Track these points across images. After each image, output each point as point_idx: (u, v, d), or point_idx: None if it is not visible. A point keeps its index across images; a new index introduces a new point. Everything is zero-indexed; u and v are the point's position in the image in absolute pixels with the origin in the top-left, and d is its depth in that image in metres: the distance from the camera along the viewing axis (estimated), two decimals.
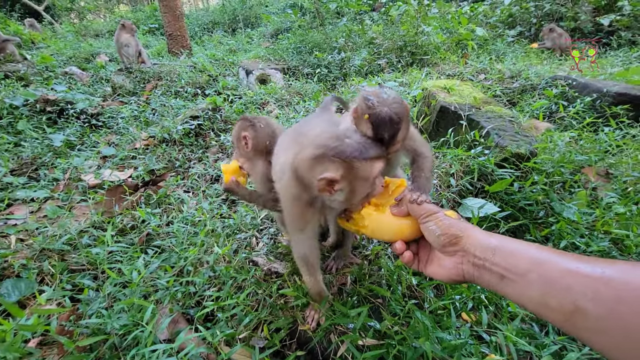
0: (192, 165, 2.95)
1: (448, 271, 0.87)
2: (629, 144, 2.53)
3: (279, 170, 1.18)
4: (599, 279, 0.60)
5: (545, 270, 0.68)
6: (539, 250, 0.74)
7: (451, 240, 0.85)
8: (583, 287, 0.61)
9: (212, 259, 1.58)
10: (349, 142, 0.96)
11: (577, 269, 0.64)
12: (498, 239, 0.80)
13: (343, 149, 0.94)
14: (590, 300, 0.59)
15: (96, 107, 4.13)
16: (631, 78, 3.60)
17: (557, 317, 0.64)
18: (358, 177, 0.96)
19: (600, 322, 0.58)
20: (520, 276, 0.71)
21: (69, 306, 1.45)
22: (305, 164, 0.99)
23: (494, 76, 4.09)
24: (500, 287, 0.75)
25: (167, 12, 7.01)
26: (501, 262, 0.76)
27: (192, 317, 1.40)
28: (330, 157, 0.94)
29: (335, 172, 0.93)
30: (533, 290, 0.68)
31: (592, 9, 6.86)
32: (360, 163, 0.94)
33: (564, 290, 0.63)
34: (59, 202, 2.40)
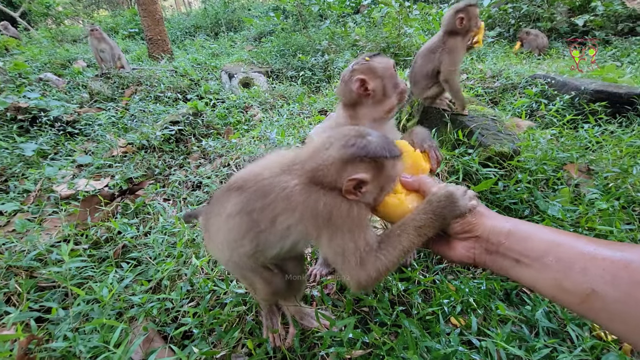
0: (173, 172, 2.85)
1: (458, 253, 0.85)
2: (608, 140, 2.57)
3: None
4: (617, 262, 0.60)
5: (561, 253, 0.67)
6: (555, 234, 0.73)
7: (464, 228, 0.84)
8: (600, 270, 0.60)
9: (190, 272, 1.50)
10: (373, 139, 0.92)
11: (595, 251, 0.63)
12: (512, 223, 0.79)
13: (373, 148, 0.90)
14: (607, 283, 0.59)
15: (72, 114, 3.97)
16: (607, 76, 3.69)
17: (572, 300, 0.64)
18: (385, 177, 0.94)
19: (617, 306, 0.57)
20: (536, 260, 0.70)
21: (35, 328, 1.34)
22: (335, 165, 0.90)
23: (476, 76, 4.14)
24: (515, 271, 0.74)
25: (146, 17, 6.87)
26: (516, 246, 0.74)
27: (168, 335, 1.32)
28: (362, 157, 0.89)
29: (366, 171, 0.89)
30: (549, 273, 0.67)
31: (566, 9, 7.06)
32: (387, 162, 0.92)
33: (580, 273, 0.63)
34: (29, 215, 2.27)
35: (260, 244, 1.01)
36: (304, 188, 0.92)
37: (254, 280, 1.12)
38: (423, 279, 1.51)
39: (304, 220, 0.92)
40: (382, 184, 0.94)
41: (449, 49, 2.19)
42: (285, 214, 0.94)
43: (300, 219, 0.92)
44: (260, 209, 0.96)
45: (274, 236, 0.98)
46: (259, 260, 1.08)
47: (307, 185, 0.93)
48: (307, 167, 0.94)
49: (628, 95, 3.04)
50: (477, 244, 0.82)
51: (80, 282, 1.58)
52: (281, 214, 0.94)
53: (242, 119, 3.92)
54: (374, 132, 0.96)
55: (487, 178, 1.90)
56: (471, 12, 2.09)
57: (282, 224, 0.95)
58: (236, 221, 1.01)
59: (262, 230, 0.98)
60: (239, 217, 1.00)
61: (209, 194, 2.41)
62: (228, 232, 1.04)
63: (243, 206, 0.99)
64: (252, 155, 2.78)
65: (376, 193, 0.95)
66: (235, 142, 3.06)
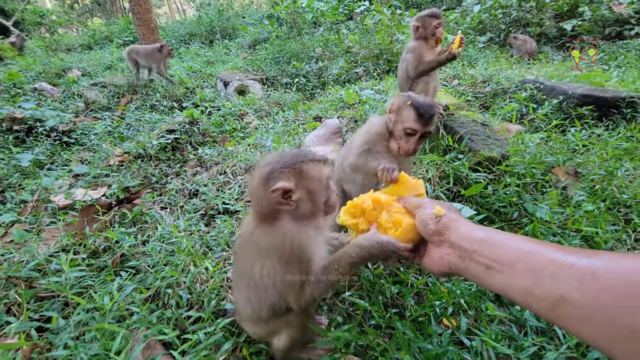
0: (170, 180, 2.88)
1: (435, 262, 0.90)
2: (595, 143, 2.64)
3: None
4: (584, 268, 0.61)
5: (532, 260, 0.70)
6: (525, 242, 0.75)
7: (438, 229, 0.89)
8: (569, 276, 0.62)
9: (189, 280, 1.53)
10: (288, 153, 1.03)
11: (563, 259, 0.65)
12: (486, 232, 0.83)
13: (286, 158, 1.00)
14: (576, 289, 0.60)
15: (67, 124, 3.99)
16: (594, 80, 3.79)
17: (543, 306, 0.65)
18: (311, 180, 1.00)
19: (585, 310, 0.59)
20: (507, 266, 0.73)
21: (36, 337, 1.37)
22: (259, 185, 1.00)
23: (467, 81, 4.22)
24: (486, 277, 0.77)
25: (141, 25, 6.92)
26: (487, 253, 0.77)
27: (168, 342, 1.34)
28: (279, 169, 0.97)
29: (288, 180, 0.97)
30: (520, 279, 0.70)
31: (554, 14, 7.22)
32: (307, 165, 1.00)
33: (549, 280, 0.64)
34: (27, 225, 2.28)
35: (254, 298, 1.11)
36: (255, 231, 1.04)
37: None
38: (416, 282, 1.55)
39: (268, 257, 1.02)
40: (311, 188, 1.01)
41: (411, 49, 2.47)
42: (256, 262, 1.05)
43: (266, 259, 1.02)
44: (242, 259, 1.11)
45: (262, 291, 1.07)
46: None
47: (258, 225, 1.04)
48: (253, 208, 1.06)
49: (614, 99, 3.13)
50: (450, 250, 0.86)
51: (80, 292, 1.60)
52: (254, 265, 1.05)
53: (237, 126, 3.96)
54: (294, 150, 1.05)
55: (477, 182, 1.96)
56: (426, 21, 2.36)
57: (258, 273, 1.05)
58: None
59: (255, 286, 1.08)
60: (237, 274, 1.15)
61: (205, 202, 2.44)
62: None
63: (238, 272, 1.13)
64: (248, 162, 2.82)
65: (310, 200, 1.01)
66: (231, 150, 3.10)
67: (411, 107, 1.37)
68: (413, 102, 1.37)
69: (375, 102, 3.41)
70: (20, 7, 12.86)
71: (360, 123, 3.31)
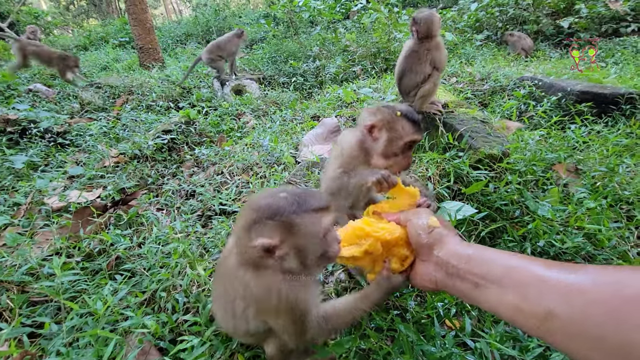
0: (166, 181, 2.84)
1: (422, 278, 0.90)
2: (595, 140, 2.62)
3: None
4: (570, 283, 0.62)
5: (518, 276, 0.70)
6: (512, 257, 0.75)
7: (428, 242, 0.88)
8: (555, 291, 0.62)
9: (185, 283, 1.50)
10: (284, 196, 0.84)
11: (549, 274, 0.66)
12: (474, 249, 0.82)
13: (277, 207, 0.81)
14: (563, 304, 0.60)
15: (62, 125, 3.93)
16: (592, 77, 3.78)
17: (531, 323, 0.65)
18: (302, 236, 0.83)
19: (573, 326, 0.58)
20: (494, 283, 0.72)
21: (27, 344, 1.33)
22: (241, 230, 0.86)
23: (465, 79, 4.20)
24: (475, 295, 0.76)
25: (137, 25, 6.86)
26: (475, 270, 0.77)
27: (164, 348, 1.31)
28: (264, 220, 0.81)
29: (271, 235, 0.81)
30: (507, 296, 0.69)
31: (551, 12, 7.22)
32: (300, 218, 0.82)
33: (536, 296, 0.64)
34: (20, 228, 2.24)
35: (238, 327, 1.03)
36: (239, 270, 0.90)
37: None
38: None
39: (252, 304, 0.93)
40: (300, 245, 0.84)
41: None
42: (238, 299, 0.96)
43: (250, 304, 0.94)
44: (225, 293, 1.02)
45: (242, 320, 0.99)
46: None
47: (243, 266, 0.89)
48: (237, 247, 0.92)
49: (613, 96, 3.12)
50: (437, 266, 0.85)
51: (73, 296, 1.56)
52: (236, 299, 0.97)
53: (235, 126, 3.92)
54: (293, 190, 0.88)
55: (478, 180, 1.93)
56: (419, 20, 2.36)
57: (240, 308, 0.97)
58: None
59: (234, 315, 1.00)
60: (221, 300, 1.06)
61: (202, 203, 2.41)
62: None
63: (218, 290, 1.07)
64: (246, 162, 2.79)
65: (299, 256, 0.85)
66: (228, 150, 3.06)
67: (404, 119, 1.23)
68: (402, 112, 1.24)
69: (373, 100, 3.38)
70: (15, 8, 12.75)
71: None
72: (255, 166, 2.74)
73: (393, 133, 1.25)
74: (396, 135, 1.24)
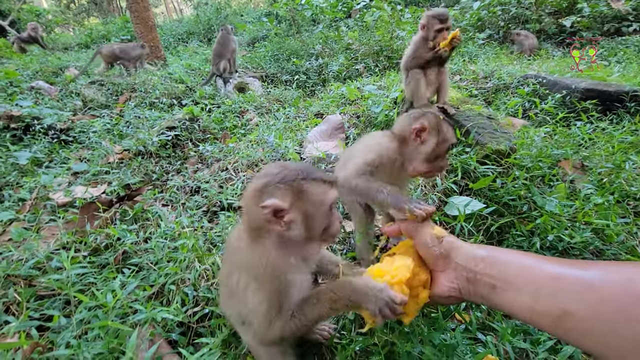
0: (170, 177, 2.83)
1: (445, 289, 0.87)
2: (600, 137, 2.62)
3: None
4: (582, 280, 0.63)
5: (531, 275, 0.71)
6: (525, 257, 0.77)
7: (442, 252, 0.87)
8: (568, 290, 0.64)
9: (194, 276, 1.50)
10: (293, 166, 0.89)
11: (561, 273, 0.67)
12: (487, 250, 0.83)
13: (287, 173, 0.86)
14: (576, 302, 0.61)
15: (66, 122, 3.93)
16: (596, 74, 3.77)
17: (546, 322, 0.66)
18: (310, 202, 0.86)
19: (587, 323, 0.60)
20: (510, 283, 0.73)
21: (36, 337, 1.32)
22: (251, 197, 0.88)
23: (469, 77, 4.20)
24: (492, 297, 0.76)
25: (139, 23, 6.86)
26: (491, 271, 0.77)
27: (174, 340, 1.31)
28: (275, 183, 0.84)
29: (282, 198, 0.83)
30: (522, 296, 0.70)
31: (553, 11, 7.22)
32: (309, 184, 0.85)
33: (550, 295, 0.66)
34: (26, 223, 2.23)
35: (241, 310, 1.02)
36: (240, 240, 0.95)
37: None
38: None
39: (243, 272, 0.94)
40: (309, 212, 0.86)
41: (411, 42, 2.54)
42: (236, 271, 0.97)
43: (242, 273, 0.95)
44: (227, 270, 1.03)
45: (236, 299, 0.99)
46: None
47: (244, 236, 0.94)
48: (242, 218, 0.95)
49: (617, 93, 3.11)
50: (457, 273, 0.84)
51: (82, 289, 1.56)
52: (234, 272, 0.98)
53: (238, 123, 3.92)
54: (301, 163, 0.93)
55: (485, 175, 1.93)
56: (429, 22, 2.35)
57: (235, 280, 0.97)
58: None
59: (230, 292, 1.01)
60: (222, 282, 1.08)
61: (207, 199, 2.40)
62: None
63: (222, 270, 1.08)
64: (250, 158, 2.78)
65: (305, 224, 0.87)
66: (232, 147, 3.06)
67: (446, 123, 1.30)
68: (443, 117, 1.32)
69: (378, 97, 3.38)
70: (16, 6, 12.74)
71: (363, 119, 3.28)
72: (260, 162, 2.74)
73: (440, 136, 1.28)
74: (443, 138, 1.29)
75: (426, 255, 0.90)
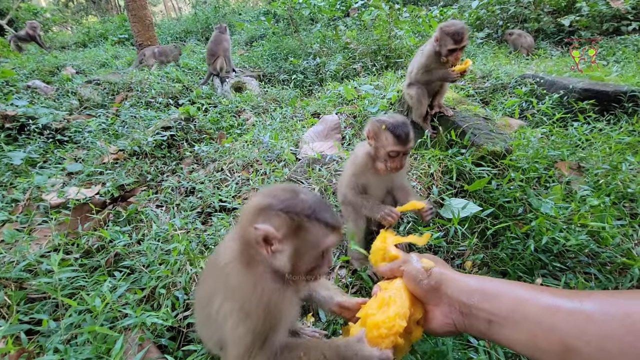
0: (165, 178, 2.82)
1: (440, 323, 0.84)
2: (597, 138, 2.61)
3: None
4: (580, 314, 0.62)
5: (527, 309, 0.69)
6: (519, 288, 0.74)
7: (433, 285, 0.84)
8: (567, 324, 0.62)
9: (184, 280, 1.48)
10: (304, 197, 0.83)
11: (557, 305, 0.65)
12: (477, 280, 0.81)
13: (294, 203, 0.81)
14: (578, 338, 0.60)
15: (61, 122, 3.91)
16: (594, 74, 3.76)
17: (550, 359, 0.64)
18: (305, 242, 0.82)
19: None
20: (506, 318, 0.71)
21: (25, 341, 1.31)
22: (248, 213, 0.84)
23: (466, 77, 4.18)
24: (491, 333, 0.74)
25: (136, 22, 6.82)
26: (485, 305, 0.75)
27: (164, 345, 1.29)
28: (277, 209, 0.80)
29: (277, 227, 0.79)
30: (521, 332, 0.68)
31: (552, 10, 7.19)
32: (311, 224, 0.80)
33: (549, 330, 0.64)
34: (18, 225, 2.22)
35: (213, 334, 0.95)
36: (232, 259, 0.87)
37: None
38: None
39: (228, 298, 0.86)
40: (300, 250, 0.82)
41: (423, 53, 2.38)
42: (218, 294, 0.88)
43: (227, 299, 0.87)
44: (207, 291, 0.94)
45: (214, 323, 0.91)
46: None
47: (236, 256, 0.87)
48: (236, 229, 0.89)
49: (615, 93, 3.10)
50: (451, 307, 0.81)
51: (72, 293, 1.55)
52: (216, 294, 0.89)
53: (234, 123, 3.90)
54: (314, 195, 0.86)
55: (481, 177, 1.91)
56: (443, 39, 2.17)
57: (216, 305, 0.88)
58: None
59: (208, 316, 0.93)
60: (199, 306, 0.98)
61: (202, 199, 2.39)
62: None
63: (200, 292, 0.98)
64: (246, 159, 2.77)
65: (292, 260, 0.83)
66: (228, 147, 3.04)
67: (387, 131, 1.40)
68: (387, 125, 1.41)
69: (375, 97, 3.36)
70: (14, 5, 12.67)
71: (360, 119, 3.26)
72: (255, 163, 2.72)
73: (379, 143, 1.45)
74: (380, 144, 1.44)
75: (415, 290, 0.87)
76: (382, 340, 0.85)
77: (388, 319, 0.85)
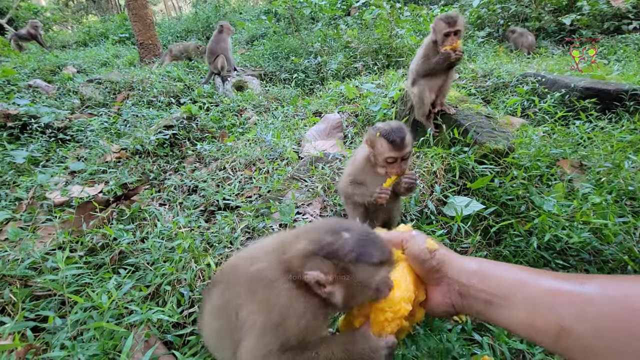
0: (168, 176, 2.83)
1: (440, 303, 0.86)
2: (599, 136, 2.61)
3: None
4: (580, 296, 0.62)
5: (528, 291, 0.69)
6: (519, 271, 0.75)
7: (435, 265, 0.85)
8: (567, 306, 0.62)
9: (189, 277, 1.49)
10: (346, 237, 0.81)
11: (558, 287, 0.66)
12: (477, 262, 0.82)
13: (336, 248, 0.80)
14: (575, 318, 0.60)
15: (63, 121, 3.91)
16: (595, 73, 3.76)
17: (546, 340, 0.65)
18: (355, 282, 0.81)
19: (588, 341, 0.59)
20: (506, 299, 0.72)
21: (31, 338, 1.32)
22: (295, 256, 0.83)
23: (468, 75, 4.18)
24: (489, 313, 0.75)
25: (137, 21, 6.82)
26: (484, 286, 0.76)
27: (170, 342, 1.30)
28: (323, 256, 0.80)
29: (326, 272, 0.79)
30: (520, 312, 0.69)
31: (553, 9, 7.19)
32: (356, 266, 0.79)
33: (548, 310, 0.64)
34: (22, 223, 2.22)
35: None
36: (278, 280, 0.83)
37: None
38: None
39: (263, 311, 0.82)
40: (350, 291, 0.82)
41: (422, 46, 2.46)
42: (254, 307, 0.84)
43: (261, 312, 0.83)
44: (229, 299, 0.88)
45: (234, 337, 0.86)
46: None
47: (283, 274, 0.84)
48: (278, 255, 0.87)
49: (617, 92, 3.10)
50: (450, 287, 0.83)
51: (77, 290, 1.56)
52: (246, 305, 0.85)
53: (236, 122, 3.91)
54: (359, 228, 0.85)
55: (483, 175, 1.92)
56: (437, 25, 2.28)
57: (247, 315, 0.84)
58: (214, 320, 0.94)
59: (227, 327, 0.88)
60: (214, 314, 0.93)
61: (205, 198, 2.39)
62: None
63: (218, 300, 0.92)
64: (248, 157, 2.77)
65: (345, 298, 0.83)
66: (230, 145, 3.05)
67: (382, 138, 1.43)
68: (382, 132, 1.44)
69: (376, 96, 3.36)
70: (14, 4, 12.66)
71: (361, 117, 3.27)
72: (258, 161, 2.73)
73: (376, 150, 1.48)
74: (377, 152, 1.48)
75: (418, 269, 0.89)
76: (389, 324, 0.87)
77: (393, 303, 0.87)
